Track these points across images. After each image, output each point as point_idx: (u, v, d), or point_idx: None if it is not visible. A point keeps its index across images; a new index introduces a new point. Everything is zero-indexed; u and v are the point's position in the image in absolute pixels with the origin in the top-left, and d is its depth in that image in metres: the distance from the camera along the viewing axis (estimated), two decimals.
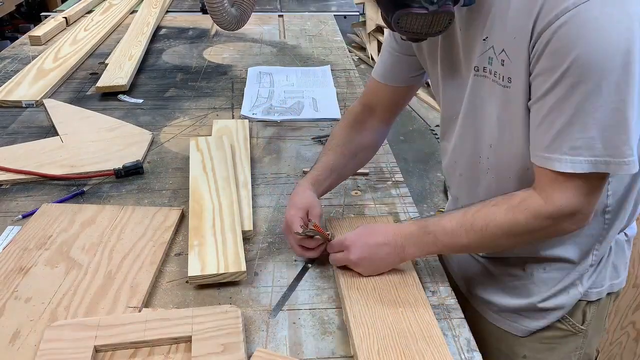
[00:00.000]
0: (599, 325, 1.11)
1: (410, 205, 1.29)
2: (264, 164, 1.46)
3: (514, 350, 1.10)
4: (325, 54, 2.31)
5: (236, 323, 0.90)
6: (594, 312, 1.07)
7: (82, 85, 1.94)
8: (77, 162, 1.42)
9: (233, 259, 1.05)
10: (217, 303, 0.99)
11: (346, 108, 1.78)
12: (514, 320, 1.09)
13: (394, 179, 1.38)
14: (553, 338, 1.08)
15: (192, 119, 1.70)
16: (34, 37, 2.30)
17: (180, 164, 1.45)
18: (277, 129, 1.66)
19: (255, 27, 2.63)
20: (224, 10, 1.93)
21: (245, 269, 1.03)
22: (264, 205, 1.28)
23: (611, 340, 1.68)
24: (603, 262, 1.05)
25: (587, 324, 1.08)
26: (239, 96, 1.87)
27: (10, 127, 1.64)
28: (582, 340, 1.09)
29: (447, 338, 0.93)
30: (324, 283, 1.05)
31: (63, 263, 1.05)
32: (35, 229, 1.14)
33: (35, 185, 1.34)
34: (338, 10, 3.10)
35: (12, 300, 0.96)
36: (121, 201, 1.29)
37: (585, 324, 1.08)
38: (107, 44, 2.34)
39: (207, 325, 0.90)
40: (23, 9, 4.95)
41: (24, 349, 0.87)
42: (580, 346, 1.09)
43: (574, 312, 1.07)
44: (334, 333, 0.94)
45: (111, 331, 0.89)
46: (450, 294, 1.03)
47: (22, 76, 1.92)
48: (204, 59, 2.23)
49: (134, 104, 1.80)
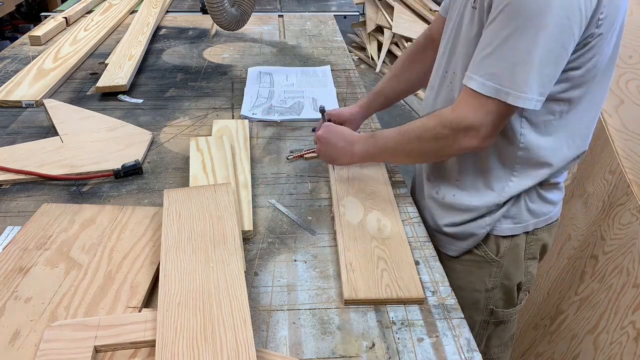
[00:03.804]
0: (515, 259, 1.23)
1: (410, 205, 1.30)
2: (264, 164, 1.46)
3: (448, 272, 1.15)
4: (325, 54, 2.31)
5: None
6: (507, 245, 1.21)
7: (82, 85, 1.94)
8: (77, 162, 1.41)
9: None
10: None
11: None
12: (447, 242, 1.26)
13: (394, 179, 1.38)
14: (471, 262, 1.25)
15: (192, 119, 1.70)
16: (34, 37, 2.30)
17: (180, 164, 1.45)
18: (277, 129, 1.66)
19: (255, 27, 2.63)
20: (224, 10, 1.93)
21: (245, 268, 1.03)
22: (264, 205, 1.28)
23: (611, 340, 1.68)
24: (512, 204, 1.17)
25: (501, 256, 1.22)
26: (239, 96, 1.87)
27: (10, 127, 1.64)
28: (496, 270, 1.24)
29: (447, 338, 0.93)
30: (324, 283, 1.05)
31: (63, 263, 1.05)
32: (35, 229, 1.14)
33: (35, 185, 1.34)
34: (338, 10, 3.10)
35: (12, 300, 0.96)
36: (121, 201, 1.29)
37: (499, 256, 1.22)
38: (107, 44, 2.35)
39: None
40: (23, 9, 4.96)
41: (24, 349, 0.87)
42: (494, 274, 1.25)
43: (487, 242, 1.22)
44: (334, 333, 0.94)
45: (111, 331, 0.89)
46: (450, 293, 1.03)
47: (22, 76, 1.92)
48: (204, 59, 2.23)
49: (134, 104, 1.80)
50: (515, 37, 0.94)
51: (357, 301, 0.99)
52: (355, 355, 0.89)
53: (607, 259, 1.64)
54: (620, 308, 1.63)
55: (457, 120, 1.03)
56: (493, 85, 0.98)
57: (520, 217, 1.19)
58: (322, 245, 1.15)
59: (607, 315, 1.63)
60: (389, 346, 0.91)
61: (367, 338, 0.93)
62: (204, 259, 1.00)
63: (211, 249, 1.03)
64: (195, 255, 1.02)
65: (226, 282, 0.95)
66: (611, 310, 1.61)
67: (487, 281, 1.26)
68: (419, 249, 1.13)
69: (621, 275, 1.59)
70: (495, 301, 1.28)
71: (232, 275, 0.96)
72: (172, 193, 1.21)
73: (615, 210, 1.61)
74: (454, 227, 1.23)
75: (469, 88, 1.01)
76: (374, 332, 0.94)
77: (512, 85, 0.96)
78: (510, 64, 0.96)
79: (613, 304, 1.60)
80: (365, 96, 1.46)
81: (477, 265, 1.25)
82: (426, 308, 0.99)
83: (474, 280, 1.26)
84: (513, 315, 1.33)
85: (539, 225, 1.22)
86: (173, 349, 0.83)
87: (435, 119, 1.08)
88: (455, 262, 1.26)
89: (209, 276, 0.96)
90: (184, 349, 0.83)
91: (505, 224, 1.19)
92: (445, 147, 1.08)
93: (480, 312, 1.30)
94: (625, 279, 1.57)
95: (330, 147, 1.27)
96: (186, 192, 1.21)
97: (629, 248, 1.57)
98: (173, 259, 1.00)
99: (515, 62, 0.95)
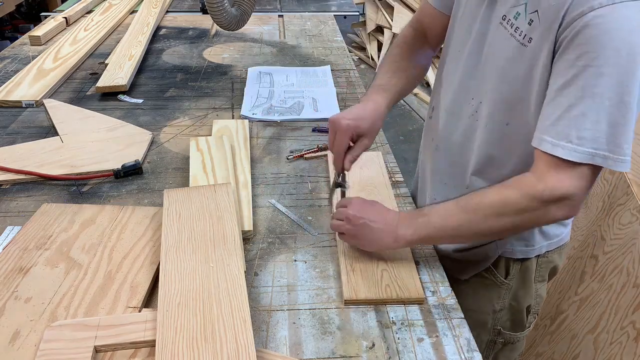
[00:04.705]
0: (525, 282, 1.19)
1: (410, 205, 1.30)
2: (264, 164, 1.46)
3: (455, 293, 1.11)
4: (325, 54, 2.31)
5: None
6: (517, 268, 1.17)
7: (82, 85, 1.94)
8: (77, 162, 1.41)
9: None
10: None
11: (346, 107, 1.79)
12: (456, 266, 1.19)
13: (394, 179, 1.38)
14: (479, 284, 1.20)
15: (192, 119, 1.70)
16: (34, 37, 2.30)
17: (180, 164, 1.45)
18: (277, 129, 1.66)
19: (255, 27, 2.63)
20: (224, 10, 1.93)
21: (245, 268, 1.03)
22: (264, 205, 1.28)
23: (611, 340, 1.68)
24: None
25: (510, 279, 1.18)
26: (239, 96, 1.86)
27: (10, 127, 1.64)
28: (505, 292, 1.20)
29: (447, 338, 0.93)
30: (324, 283, 1.05)
31: (63, 263, 1.05)
32: (35, 229, 1.14)
33: (35, 185, 1.34)
34: (338, 10, 3.10)
35: (12, 300, 0.96)
36: (121, 201, 1.29)
37: (508, 278, 1.18)
38: (107, 44, 2.34)
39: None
40: (23, 9, 4.96)
41: (24, 349, 0.87)
42: (502, 296, 1.20)
43: (497, 265, 1.17)
44: (334, 333, 0.94)
45: (111, 331, 0.89)
46: (451, 294, 1.03)
47: (22, 76, 1.92)
48: (204, 59, 2.23)
49: (134, 104, 1.80)
50: (612, 92, 0.83)
51: (357, 301, 0.99)
52: (355, 355, 0.89)
53: (607, 259, 1.64)
54: (620, 308, 1.63)
55: (549, 192, 0.89)
56: (587, 151, 0.86)
57: (533, 240, 1.15)
58: (322, 245, 1.15)
59: (607, 315, 1.63)
60: (389, 346, 0.91)
61: (367, 338, 0.93)
62: (204, 259, 1.00)
63: (211, 249, 1.03)
64: (195, 255, 1.02)
65: (226, 282, 0.95)
66: (611, 310, 1.61)
67: (495, 303, 1.21)
68: (419, 249, 1.13)
69: (621, 275, 1.60)
70: (503, 322, 1.24)
71: (232, 275, 0.96)
72: (172, 193, 1.21)
73: (615, 210, 1.61)
74: (464, 252, 1.18)
75: (553, 155, 0.88)
76: (374, 332, 0.94)
77: (610, 148, 0.85)
78: (607, 124, 0.84)
79: (613, 304, 1.60)
80: (366, 93, 1.20)
81: (485, 288, 1.21)
82: (426, 308, 0.99)
83: (481, 302, 1.22)
84: (521, 337, 1.28)
85: (551, 248, 1.17)
86: (173, 349, 0.83)
87: (517, 190, 0.92)
88: (462, 284, 1.21)
89: (209, 276, 0.96)
90: (184, 349, 0.83)
91: (518, 247, 1.15)
92: (531, 220, 0.95)
93: (487, 332, 1.26)
94: (625, 279, 1.58)
95: (366, 231, 1.03)
96: (186, 192, 1.21)
97: (629, 248, 1.57)
98: (173, 259, 1.00)
99: (612, 122, 0.84)
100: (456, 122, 1.13)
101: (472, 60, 1.07)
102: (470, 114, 1.09)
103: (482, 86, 1.05)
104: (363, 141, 1.10)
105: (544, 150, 0.89)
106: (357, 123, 1.08)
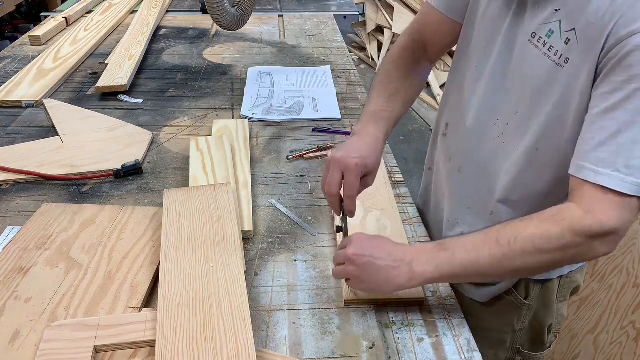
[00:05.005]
0: (546, 303, 1.15)
1: (410, 205, 1.29)
2: (264, 164, 1.46)
3: (472, 314, 1.07)
4: (325, 54, 2.31)
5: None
6: (537, 289, 1.12)
7: (82, 85, 1.94)
8: (77, 162, 1.41)
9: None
10: None
11: (346, 107, 1.79)
12: (473, 289, 1.16)
13: (394, 179, 1.38)
14: (498, 305, 1.15)
15: (192, 119, 1.70)
16: (34, 37, 2.30)
17: (180, 164, 1.45)
18: (277, 129, 1.66)
19: (255, 27, 2.63)
20: (224, 10, 1.94)
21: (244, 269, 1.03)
22: (264, 205, 1.28)
23: (611, 340, 1.68)
24: None
25: (531, 300, 1.13)
26: (239, 96, 1.86)
27: (10, 127, 1.64)
28: (526, 313, 1.15)
29: (447, 338, 0.93)
30: (324, 283, 1.05)
31: (63, 263, 1.05)
32: (35, 229, 1.14)
33: (35, 185, 1.34)
34: (338, 10, 3.10)
35: (12, 300, 0.96)
36: (121, 201, 1.29)
37: (529, 299, 1.13)
38: (107, 44, 2.34)
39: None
40: (23, 9, 4.96)
41: (24, 349, 0.87)
42: (523, 317, 1.15)
43: (517, 287, 1.12)
44: (334, 333, 0.94)
45: (111, 331, 0.89)
46: (450, 294, 1.03)
47: (22, 76, 1.92)
48: (204, 59, 2.23)
49: (134, 104, 1.80)
50: None
51: (357, 301, 0.99)
52: (355, 355, 0.89)
53: (607, 259, 1.64)
54: (620, 308, 1.63)
55: (598, 226, 0.81)
56: (637, 181, 0.79)
57: None
58: (322, 245, 1.15)
59: (607, 315, 1.63)
60: (389, 346, 0.91)
61: (367, 338, 0.93)
62: (204, 259, 1.00)
63: (211, 249, 1.03)
64: (195, 255, 1.02)
65: (226, 282, 0.95)
66: (611, 310, 1.61)
67: (515, 323, 1.16)
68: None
69: (621, 275, 1.60)
70: (522, 341, 1.19)
71: (232, 275, 0.96)
72: (172, 193, 1.21)
73: None
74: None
75: (601, 186, 0.81)
76: (374, 332, 0.94)
77: None
78: None
79: (613, 304, 1.60)
80: (361, 122, 1.11)
81: (504, 309, 1.15)
82: (426, 308, 0.99)
83: (501, 322, 1.17)
84: (541, 358, 1.23)
85: (574, 268, 1.12)
86: (173, 349, 0.83)
87: (559, 224, 0.83)
88: (480, 306, 1.16)
89: (209, 276, 0.96)
90: (184, 349, 0.83)
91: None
92: (572, 257, 0.86)
93: (505, 350, 1.20)
94: (625, 279, 1.58)
95: (372, 270, 0.90)
96: (186, 192, 1.21)
97: (629, 248, 1.58)
98: (173, 259, 1.01)
99: None
100: (480, 144, 1.05)
101: (496, 78, 1.00)
102: (496, 136, 1.02)
103: (509, 107, 0.98)
104: (367, 180, 1.03)
105: (585, 179, 0.82)
106: (364, 162, 1.00)
